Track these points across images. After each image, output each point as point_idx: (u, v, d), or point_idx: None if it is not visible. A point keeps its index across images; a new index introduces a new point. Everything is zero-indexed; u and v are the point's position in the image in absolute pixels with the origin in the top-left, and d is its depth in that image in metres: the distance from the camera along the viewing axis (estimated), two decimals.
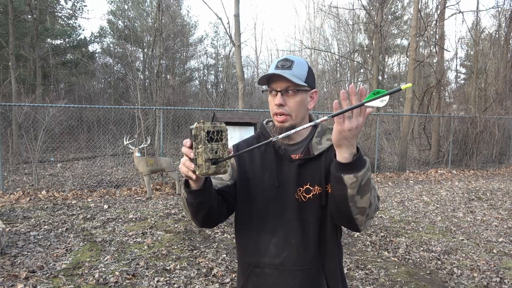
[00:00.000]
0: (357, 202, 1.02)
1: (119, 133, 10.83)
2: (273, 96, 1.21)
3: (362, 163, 0.99)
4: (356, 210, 1.04)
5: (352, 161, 0.98)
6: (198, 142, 0.95)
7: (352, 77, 19.73)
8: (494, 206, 6.70)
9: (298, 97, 1.20)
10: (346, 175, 0.98)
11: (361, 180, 0.98)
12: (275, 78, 1.19)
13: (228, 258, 4.03)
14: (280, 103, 1.19)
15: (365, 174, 0.99)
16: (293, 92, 1.19)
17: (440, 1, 13.35)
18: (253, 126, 6.35)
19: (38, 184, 7.56)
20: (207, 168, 0.95)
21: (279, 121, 1.22)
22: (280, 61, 1.20)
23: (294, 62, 1.20)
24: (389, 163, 11.37)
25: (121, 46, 20.29)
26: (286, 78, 1.16)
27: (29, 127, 10.11)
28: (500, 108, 13.55)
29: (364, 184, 1.00)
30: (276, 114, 1.21)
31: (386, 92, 0.89)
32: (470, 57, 22.55)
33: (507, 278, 3.65)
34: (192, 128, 0.96)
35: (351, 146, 0.97)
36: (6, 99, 12.91)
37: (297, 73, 1.19)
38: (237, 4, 10.56)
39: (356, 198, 1.01)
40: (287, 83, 1.18)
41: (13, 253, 3.98)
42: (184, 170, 1.01)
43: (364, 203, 1.03)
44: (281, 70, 1.18)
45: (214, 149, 0.96)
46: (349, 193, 1.00)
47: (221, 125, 0.99)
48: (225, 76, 19.38)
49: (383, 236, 4.89)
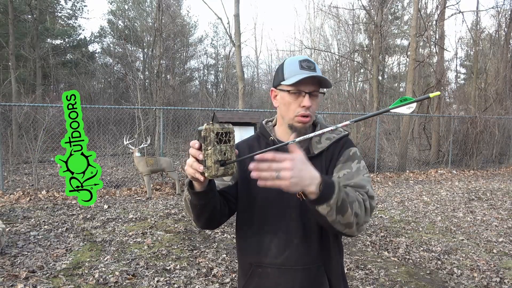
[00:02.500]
0: (340, 220, 1.01)
1: (119, 133, 10.82)
2: (296, 97, 1.19)
3: (331, 190, 0.95)
4: (342, 227, 1.03)
5: (319, 194, 0.94)
6: (207, 143, 0.94)
7: (352, 77, 19.72)
8: (494, 206, 6.70)
9: (319, 99, 1.23)
10: (319, 206, 0.96)
11: (336, 204, 0.96)
12: (307, 79, 1.17)
13: (228, 258, 4.03)
14: (310, 105, 1.19)
15: (338, 197, 0.96)
16: (317, 94, 1.21)
17: (440, 1, 13.35)
18: (253, 126, 6.35)
19: (38, 184, 7.56)
20: (216, 170, 0.94)
21: (304, 122, 1.21)
22: (304, 62, 1.19)
23: (315, 65, 1.21)
24: (389, 163, 11.36)
25: (121, 46, 20.30)
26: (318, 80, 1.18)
27: (29, 127, 10.11)
28: (500, 108, 13.55)
29: (340, 204, 0.98)
30: (302, 115, 1.20)
31: (413, 99, 0.88)
32: (470, 57, 22.56)
33: (507, 278, 3.65)
34: (201, 130, 0.95)
35: (311, 178, 0.93)
36: (6, 99, 12.91)
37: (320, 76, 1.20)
38: (237, 4, 10.56)
39: (338, 218, 1.00)
40: (315, 86, 1.19)
41: (13, 253, 3.98)
42: (191, 172, 0.99)
43: (348, 219, 1.01)
44: (310, 71, 1.17)
45: (223, 151, 0.95)
46: (329, 219, 1.00)
47: (229, 127, 0.98)
48: (225, 76, 19.39)
49: (383, 236, 4.89)
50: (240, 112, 8.57)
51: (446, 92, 16.46)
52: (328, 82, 1.20)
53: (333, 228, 1.05)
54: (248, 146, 1.33)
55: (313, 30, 20.71)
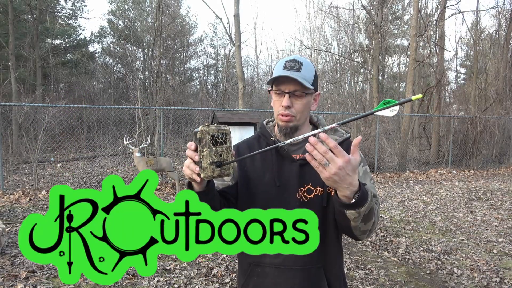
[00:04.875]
0: (361, 228, 1.02)
1: (119, 133, 10.83)
2: (279, 96, 1.20)
3: (364, 198, 0.95)
4: (359, 232, 1.05)
5: (354, 200, 0.95)
6: (203, 145, 0.95)
7: (352, 77, 19.73)
8: (494, 206, 6.70)
9: (305, 100, 1.19)
10: (348, 211, 0.97)
11: (364, 212, 0.97)
12: (284, 79, 1.17)
13: (228, 258, 4.03)
14: (288, 105, 1.17)
15: (368, 206, 0.97)
16: (301, 94, 1.18)
17: (440, 1, 13.36)
18: (253, 126, 6.36)
19: (38, 184, 7.56)
20: (212, 171, 0.96)
21: (284, 120, 1.21)
22: (288, 62, 1.17)
23: (303, 64, 1.18)
24: (389, 163, 11.37)
25: (121, 46, 20.31)
26: (296, 81, 1.14)
27: (29, 127, 10.11)
28: (500, 108, 13.55)
29: (368, 213, 0.98)
30: (281, 114, 1.20)
31: (396, 102, 0.89)
32: (470, 57, 22.56)
33: (507, 278, 3.66)
34: (197, 131, 0.96)
35: (350, 185, 0.92)
36: (6, 99, 12.90)
37: (306, 75, 1.17)
38: (237, 4, 10.56)
39: (360, 225, 1.01)
40: (296, 86, 1.17)
41: (13, 253, 3.98)
42: (188, 173, 1.00)
43: (368, 226, 1.03)
44: (291, 71, 1.16)
45: (218, 152, 0.96)
46: (352, 224, 1.01)
47: (225, 128, 0.99)
48: (225, 76, 19.37)
49: (383, 236, 4.89)
50: (240, 112, 8.57)
51: (446, 92, 16.47)
52: (304, 83, 1.14)
53: (348, 234, 1.07)
54: (248, 146, 1.33)
55: (313, 30, 20.73)
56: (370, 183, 1.18)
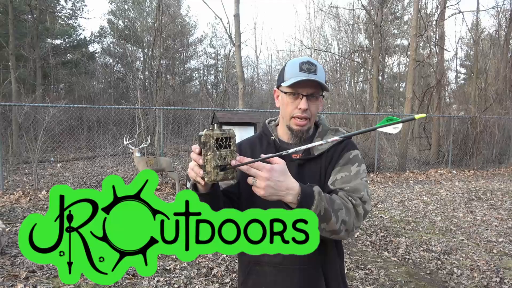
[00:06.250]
0: (326, 228, 1.02)
1: (119, 133, 10.82)
2: (294, 98, 1.19)
3: (310, 200, 0.96)
4: (328, 233, 1.04)
5: (297, 204, 0.96)
6: (207, 149, 0.95)
7: (352, 77, 19.72)
8: (494, 206, 6.70)
9: (319, 102, 1.22)
10: None
11: (319, 213, 0.97)
12: (303, 82, 1.17)
13: (228, 258, 4.03)
14: (306, 107, 1.18)
15: (318, 205, 0.97)
16: (316, 97, 1.19)
17: (440, 1, 13.35)
18: (253, 126, 6.36)
19: (38, 184, 7.56)
20: (216, 175, 0.96)
21: (300, 124, 1.21)
22: (304, 64, 1.17)
23: (317, 67, 1.18)
24: (389, 163, 11.36)
25: (121, 46, 20.29)
26: (317, 82, 1.16)
27: (29, 127, 10.11)
28: (500, 108, 13.55)
29: (323, 213, 0.98)
30: (297, 117, 1.20)
31: (399, 120, 0.90)
32: (470, 57, 22.56)
33: (507, 278, 3.66)
34: (201, 135, 0.96)
35: (288, 189, 0.95)
36: (6, 99, 12.89)
37: (321, 78, 1.18)
38: (237, 4, 10.56)
39: (323, 226, 1.00)
40: (314, 89, 1.18)
41: (13, 253, 3.98)
42: (193, 176, 1.01)
43: (333, 226, 1.02)
44: (308, 74, 1.16)
45: (222, 156, 0.96)
46: None
47: (230, 132, 0.99)
48: (225, 76, 19.37)
49: (383, 236, 4.89)
50: (240, 112, 8.57)
51: (446, 92, 16.47)
52: (324, 86, 1.19)
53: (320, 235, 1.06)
54: (250, 146, 1.33)
55: (313, 30, 20.72)
56: (361, 181, 1.17)
